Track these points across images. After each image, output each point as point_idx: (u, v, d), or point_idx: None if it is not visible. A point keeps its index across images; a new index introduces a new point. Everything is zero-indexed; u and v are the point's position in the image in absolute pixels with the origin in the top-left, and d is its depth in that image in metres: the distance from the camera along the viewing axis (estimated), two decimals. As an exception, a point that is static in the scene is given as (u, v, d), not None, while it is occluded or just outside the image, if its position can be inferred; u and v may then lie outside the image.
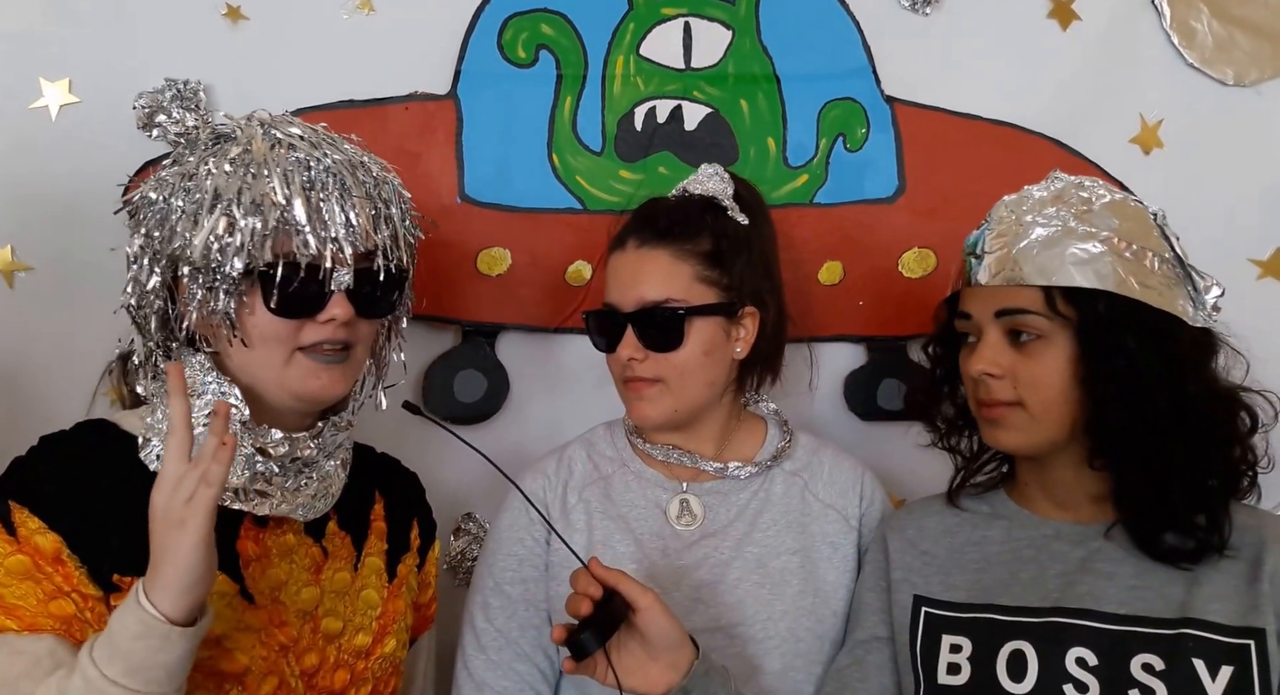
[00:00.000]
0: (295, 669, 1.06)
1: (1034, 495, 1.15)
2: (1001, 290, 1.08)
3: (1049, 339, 1.05)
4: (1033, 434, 1.08)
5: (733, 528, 1.25)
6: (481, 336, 1.56)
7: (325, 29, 1.51)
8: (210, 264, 1.00)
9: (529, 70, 1.55)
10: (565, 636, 1.00)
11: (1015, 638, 1.05)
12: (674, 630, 1.03)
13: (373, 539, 1.18)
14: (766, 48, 1.60)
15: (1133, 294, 1.03)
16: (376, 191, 1.08)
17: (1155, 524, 1.04)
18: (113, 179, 1.42)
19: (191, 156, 1.05)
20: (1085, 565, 1.07)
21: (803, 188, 1.60)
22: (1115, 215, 1.07)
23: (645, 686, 1.03)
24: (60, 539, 0.96)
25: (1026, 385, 1.06)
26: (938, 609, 1.13)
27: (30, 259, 1.43)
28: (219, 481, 0.89)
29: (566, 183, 1.56)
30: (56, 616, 0.95)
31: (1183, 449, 1.02)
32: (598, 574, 1.02)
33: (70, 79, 1.44)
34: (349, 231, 1.03)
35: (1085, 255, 1.04)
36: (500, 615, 1.24)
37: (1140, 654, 1.00)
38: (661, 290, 1.21)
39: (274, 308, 1.02)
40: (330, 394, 1.08)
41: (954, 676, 1.07)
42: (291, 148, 1.04)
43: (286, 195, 1.01)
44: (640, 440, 1.31)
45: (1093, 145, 1.64)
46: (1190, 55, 1.66)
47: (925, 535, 1.19)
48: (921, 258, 1.61)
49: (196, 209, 1.01)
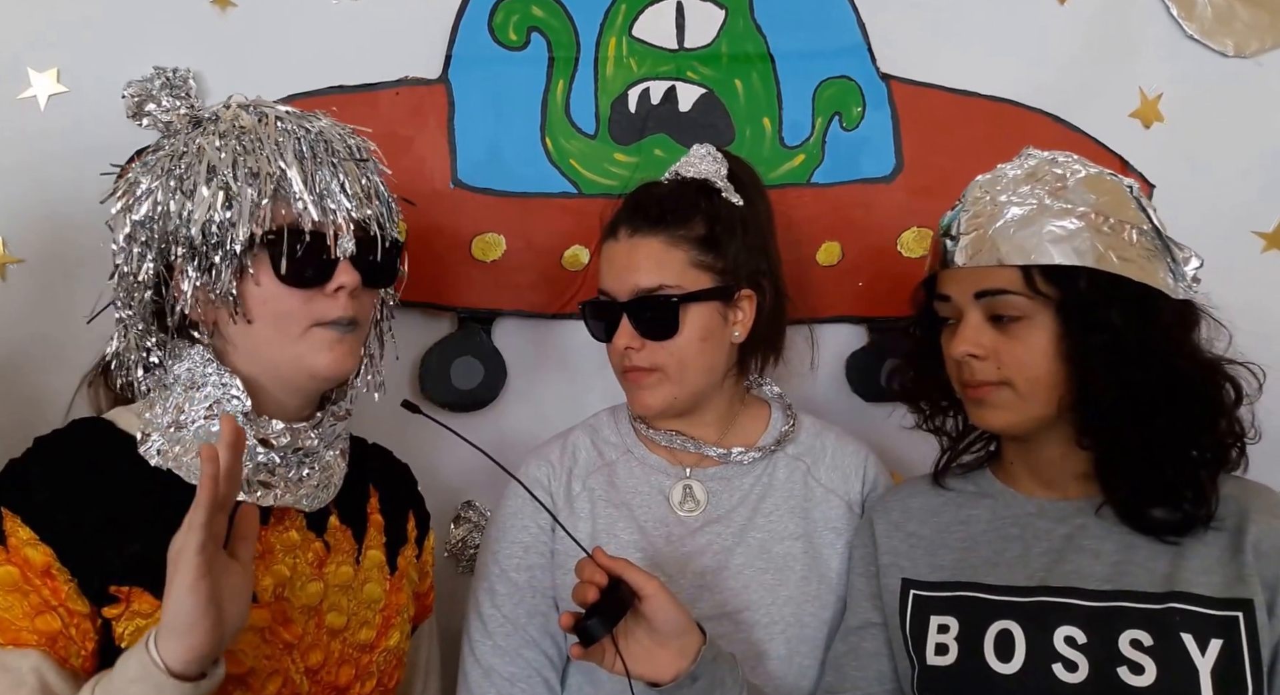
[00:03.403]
0: (300, 666, 1.05)
1: (1019, 473, 1.15)
2: (980, 271, 1.07)
3: (1031, 319, 1.04)
4: (1021, 412, 1.07)
5: (736, 513, 1.25)
6: (477, 323, 1.55)
7: (314, 14, 1.50)
8: (210, 240, 0.99)
9: (520, 53, 1.54)
10: (573, 623, 1.01)
11: (1002, 617, 1.05)
12: (680, 617, 1.03)
13: (372, 532, 1.17)
14: (760, 26, 1.58)
15: (1113, 269, 1.02)
16: (364, 163, 1.08)
17: (1142, 498, 1.04)
18: (103, 169, 1.41)
19: (176, 140, 1.04)
20: (1070, 542, 1.07)
21: (799, 168, 1.59)
22: (1091, 190, 1.06)
23: (654, 673, 1.03)
24: (52, 552, 0.94)
25: (1011, 365, 1.05)
26: (924, 590, 1.12)
27: (21, 251, 1.43)
28: (199, 525, 0.85)
29: (560, 166, 1.55)
30: (42, 631, 0.92)
31: (1170, 422, 1.02)
32: (602, 562, 1.02)
33: (58, 68, 1.43)
34: (346, 198, 1.03)
35: (1063, 232, 1.03)
36: (507, 602, 1.24)
37: (1129, 630, 0.99)
38: (655, 278, 1.21)
39: (284, 275, 1.01)
40: (343, 368, 1.07)
41: (942, 657, 1.07)
42: (279, 120, 1.03)
43: (281, 164, 1.00)
44: (644, 426, 1.31)
45: (1092, 120, 1.62)
46: (1190, 27, 1.64)
47: (911, 517, 1.19)
48: (920, 237, 1.60)
49: (192, 186, 1.00)
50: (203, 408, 1.03)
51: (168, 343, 1.08)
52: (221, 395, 1.04)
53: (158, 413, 1.04)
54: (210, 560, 0.86)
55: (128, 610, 0.96)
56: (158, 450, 1.02)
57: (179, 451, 1.02)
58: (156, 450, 1.02)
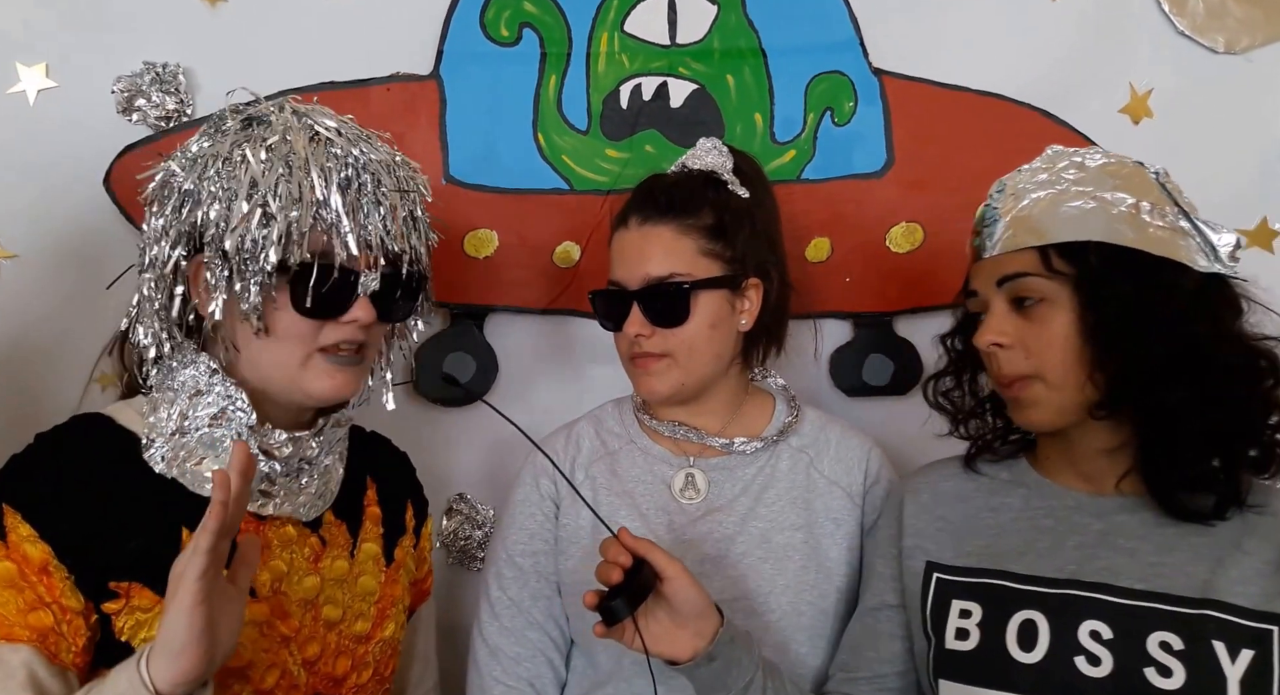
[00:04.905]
0: (297, 658, 1.06)
1: (1058, 465, 1.13)
2: (1001, 259, 1.08)
3: (1052, 300, 1.04)
4: (1055, 405, 1.06)
5: (738, 503, 1.26)
6: (470, 318, 1.56)
7: (305, 10, 1.50)
8: (242, 254, 0.98)
9: (512, 49, 1.54)
10: (597, 602, 1.02)
11: (1027, 607, 1.04)
12: (700, 599, 1.05)
13: (368, 525, 1.18)
14: (752, 21, 1.58)
15: (1124, 241, 1.02)
16: (408, 194, 1.06)
17: (1173, 478, 1.03)
18: (93, 164, 1.42)
19: (223, 139, 1.02)
20: (1105, 539, 1.06)
21: (790, 163, 1.59)
22: (1109, 174, 1.07)
23: (672, 652, 1.05)
24: (49, 549, 0.94)
25: (1037, 352, 1.05)
26: (948, 574, 1.12)
27: (13, 246, 1.43)
28: (204, 550, 0.86)
29: (553, 162, 1.55)
30: (34, 627, 0.93)
31: (1196, 396, 1.00)
32: (627, 543, 1.03)
33: (47, 63, 1.42)
34: (382, 234, 1.02)
35: (1078, 212, 1.04)
36: (513, 585, 1.27)
37: (1157, 631, 0.98)
38: (666, 266, 1.22)
39: (304, 307, 1.00)
40: (342, 395, 1.06)
41: (962, 642, 1.06)
42: (329, 143, 1.01)
43: (325, 192, 0.99)
44: (648, 417, 1.32)
45: (1082, 115, 1.62)
46: (1181, 23, 1.64)
47: (941, 501, 1.18)
48: (909, 232, 1.60)
49: (231, 196, 0.98)
50: (206, 415, 1.03)
51: (179, 341, 1.06)
52: (226, 405, 1.03)
53: (161, 418, 1.04)
54: (210, 586, 0.86)
55: (127, 605, 0.97)
56: (162, 457, 1.03)
57: (182, 457, 1.03)
58: (160, 457, 1.02)
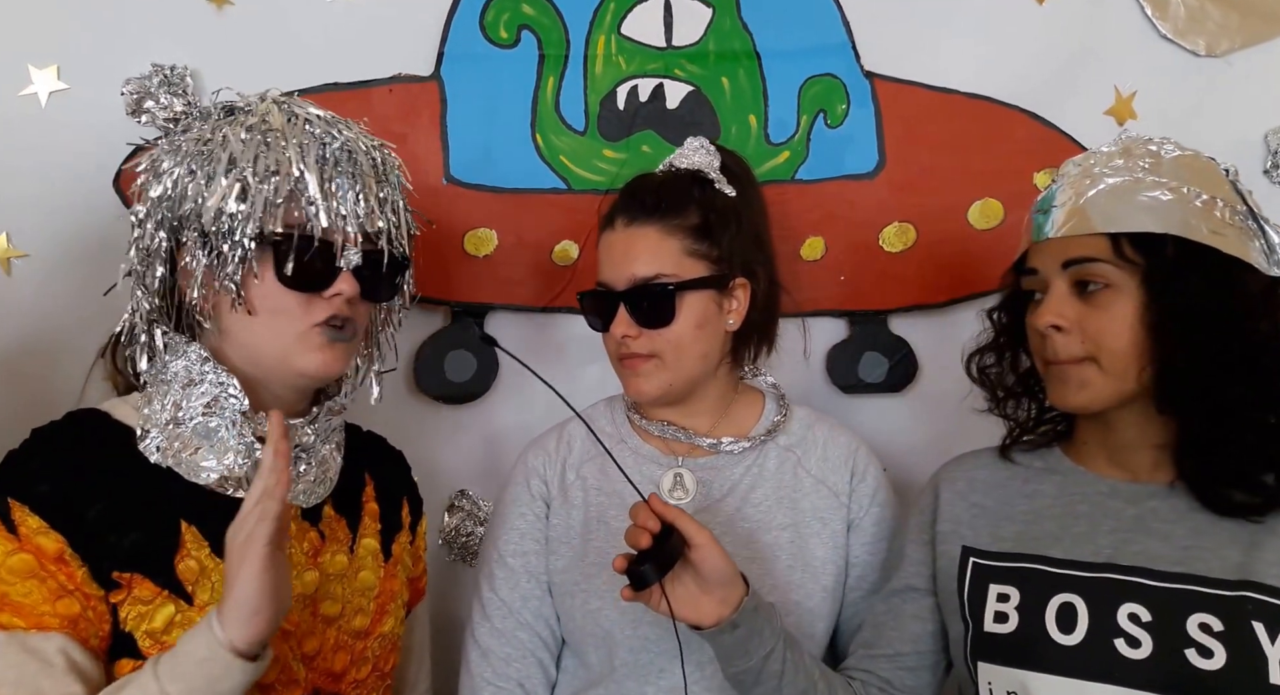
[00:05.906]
0: (297, 653, 1.07)
1: (1092, 452, 1.14)
2: (1069, 241, 1.06)
3: (1117, 288, 1.03)
4: (1103, 389, 1.05)
5: (725, 502, 1.27)
6: (470, 317, 1.58)
7: (310, 12, 1.52)
8: (220, 229, 1.01)
9: (511, 51, 1.56)
10: (625, 567, 1.03)
11: (1065, 590, 1.05)
12: (727, 567, 1.06)
13: (366, 520, 1.19)
14: (747, 25, 1.61)
15: (1201, 238, 1.01)
16: (385, 177, 1.09)
17: (1221, 476, 1.03)
18: (103, 164, 1.44)
19: (205, 125, 1.06)
20: (1140, 524, 1.06)
21: (784, 165, 1.62)
22: (1185, 167, 1.06)
23: (697, 618, 1.06)
24: (63, 539, 0.96)
25: (1094, 338, 1.04)
26: (985, 559, 1.12)
27: (25, 246, 1.45)
28: (273, 516, 0.91)
29: (551, 163, 1.58)
30: (63, 615, 0.94)
31: (1248, 393, 1.00)
32: (657, 509, 1.04)
33: (58, 66, 1.45)
34: (357, 211, 1.04)
35: (1153, 202, 1.03)
36: (503, 586, 1.28)
37: (1197, 613, 0.98)
38: (652, 266, 1.22)
39: (286, 278, 1.03)
40: (331, 371, 1.08)
41: (1001, 625, 1.07)
42: (308, 123, 1.05)
43: (301, 167, 1.02)
44: (638, 417, 1.33)
45: (1068, 117, 1.65)
46: (1163, 27, 1.68)
47: (976, 487, 1.19)
48: (901, 232, 1.64)
49: (211, 173, 1.01)
50: (200, 404, 1.04)
51: (170, 333, 1.09)
52: (219, 393, 1.05)
53: (156, 409, 1.06)
54: (276, 550, 0.91)
55: (129, 596, 0.98)
56: (157, 447, 1.04)
57: (178, 447, 1.04)
58: (156, 447, 1.04)
